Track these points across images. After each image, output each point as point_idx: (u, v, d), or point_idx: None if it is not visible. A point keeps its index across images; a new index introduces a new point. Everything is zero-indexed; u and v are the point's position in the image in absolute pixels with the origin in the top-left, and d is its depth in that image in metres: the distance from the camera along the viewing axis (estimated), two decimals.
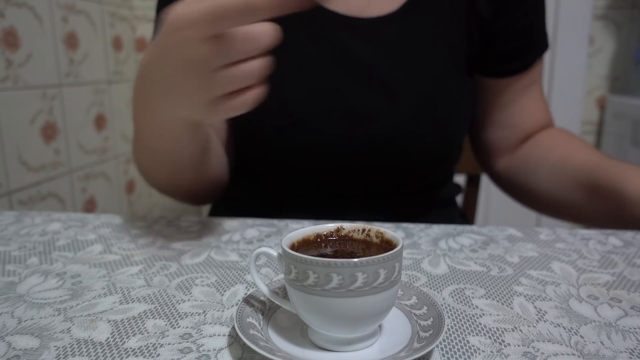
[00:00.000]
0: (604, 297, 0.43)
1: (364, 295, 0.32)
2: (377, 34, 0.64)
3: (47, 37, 1.22)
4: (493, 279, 0.46)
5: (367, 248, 0.37)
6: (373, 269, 0.31)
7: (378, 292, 0.32)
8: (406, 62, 0.64)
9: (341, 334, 0.34)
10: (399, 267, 0.33)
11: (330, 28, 0.63)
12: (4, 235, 0.56)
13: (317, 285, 0.32)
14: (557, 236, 0.57)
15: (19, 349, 0.35)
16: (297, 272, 0.33)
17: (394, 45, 0.64)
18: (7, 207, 1.09)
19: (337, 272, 0.31)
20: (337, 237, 0.38)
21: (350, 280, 0.31)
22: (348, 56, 0.63)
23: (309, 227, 0.38)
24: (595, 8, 1.95)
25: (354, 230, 0.38)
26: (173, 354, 0.34)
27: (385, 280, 0.32)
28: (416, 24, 0.64)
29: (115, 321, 0.38)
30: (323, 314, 0.33)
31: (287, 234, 0.36)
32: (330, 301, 0.32)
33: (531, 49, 0.70)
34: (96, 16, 1.44)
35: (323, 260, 0.31)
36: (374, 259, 0.31)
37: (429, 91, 0.64)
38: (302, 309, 0.34)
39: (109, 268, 0.48)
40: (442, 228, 0.59)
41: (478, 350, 0.35)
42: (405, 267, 0.49)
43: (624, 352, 0.34)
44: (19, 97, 1.11)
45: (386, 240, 0.36)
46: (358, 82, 0.63)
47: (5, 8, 1.08)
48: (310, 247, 0.37)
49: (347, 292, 0.32)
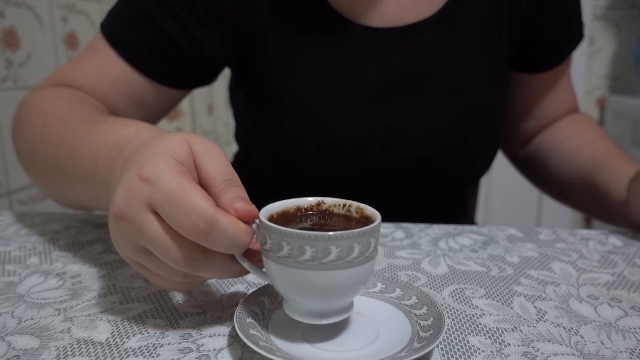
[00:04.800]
0: (604, 297, 0.43)
1: (337, 269, 0.32)
2: (414, 45, 0.60)
3: (47, 37, 1.22)
4: (493, 279, 0.46)
5: (347, 223, 0.37)
6: (347, 243, 0.31)
7: (352, 266, 0.32)
8: (446, 74, 0.61)
9: (314, 307, 0.34)
10: (374, 243, 0.33)
11: (364, 46, 0.60)
12: (4, 235, 0.56)
13: (291, 257, 0.32)
14: (557, 236, 0.57)
15: (19, 349, 0.35)
16: (272, 243, 0.33)
17: (432, 55, 0.61)
18: (7, 207, 1.09)
19: (311, 244, 0.31)
20: (317, 211, 0.38)
21: (324, 253, 0.31)
22: (385, 76, 0.60)
23: (289, 199, 0.38)
24: (595, 8, 1.95)
25: (335, 205, 0.38)
26: (173, 354, 0.34)
27: (359, 255, 0.32)
28: (454, 30, 0.61)
29: (115, 321, 0.38)
30: (296, 286, 0.33)
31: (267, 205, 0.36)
32: (303, 273, 0.32)
33: (569, 42, 0.69)
34: (96, 16, 1.44)
35: (297, 232, 0.31)
36: (349, 233, 0.31)
37: (471, 105, 0.62)
38: (276, 280, 0.34)
39: (109, 268, 0.48)
40: (442, 228, 0.59)
41: (478, 350, 0.35)
42: (405, 267, 0.49)
43: (624, 352, 0.35)
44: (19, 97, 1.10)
45: (366, 216, 0.36)
46: (397, 104, 0.61)
47: (5, 8, 1.08)
48: (290, 219, 0.37)
49: (321, 265, 0.32)
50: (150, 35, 0.59)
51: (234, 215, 0.33)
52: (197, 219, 0.31)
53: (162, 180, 0.32)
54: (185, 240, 0.33)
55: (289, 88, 0.61)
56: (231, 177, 0.35)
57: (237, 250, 0.33)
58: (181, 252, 0.33)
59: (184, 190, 0.32)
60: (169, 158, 0.34)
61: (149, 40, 0.59)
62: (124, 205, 0.33)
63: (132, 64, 0.59)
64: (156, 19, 0.58)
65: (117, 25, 0.60)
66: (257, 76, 0.63)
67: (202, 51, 0.60)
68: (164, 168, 0.33)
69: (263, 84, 0.62)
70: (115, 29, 0.60)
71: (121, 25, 0.60)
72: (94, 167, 0.43)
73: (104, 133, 0.44)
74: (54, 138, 0.50)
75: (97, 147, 0.43)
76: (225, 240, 0.32)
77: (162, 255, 0.33)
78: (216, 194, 0.34)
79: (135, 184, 0.33)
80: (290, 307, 0.35)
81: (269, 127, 0.64)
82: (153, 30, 0.59)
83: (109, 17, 0.62)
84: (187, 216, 0.31)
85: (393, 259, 0.50)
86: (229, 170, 0.35)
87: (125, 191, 0.34)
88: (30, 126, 0.55)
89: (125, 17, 0.60)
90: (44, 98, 0.57)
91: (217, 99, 2.03)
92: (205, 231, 0.31)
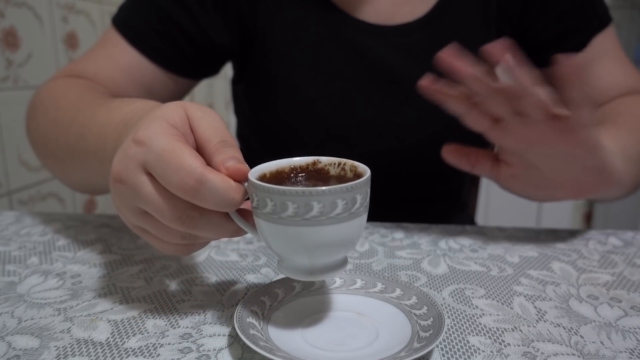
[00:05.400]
0: (604, 297, 0.43)
1: (319, 225, 0.32)
2: (406, 42, 0.62)
3: (47, 37, 1.22)
4: (493, 279, 0.46)
5: (340, 182, 0.36)
6: (330, 198, 0.31)
7: (335, 222, 0.32)
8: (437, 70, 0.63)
9: (301, 263, 0.34)
10: (361, 199, 0.33)
11: (359, 38, 0.62)
12: (4, 235, 0.56)
13: (274, 213, 0.32)
14: (557, 236, 0.57)
15: (19, 349, 0.35)
16: (258, 200, 0.33)
17: (424, 53, 0.61)
18: (7, 207, 1.09)
19: (292, 200, 0.31)
20: (312, 170, 0.38)
21: (306, 209, 0.31)
22: (379, 67, 0.62)
23: (284, 159, 0.38)
24: None
25: (330, 164, 0.38)
26: (173, 354, 0.34)
27: (343, 211, 0.32)
28: (446, 29, 0.63)
29: (115, 321, 0.38)
30: (282, 242, 0.33)
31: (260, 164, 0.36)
32: (286, 229, 0.32)
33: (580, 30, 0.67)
34: (96, 16, 1.44)
35: (278, 188, 0.31)
36: (330, 188, 0.31)
37: None
38: (265, 237, 0.35)
39: (109, 268, 0.48)
40: (442, 228, 0.59)
41: (478, 350, 0.35)
42: (405, 267, 0.49)
43: (624, 352, 0.35)
44: (19, 97, 1.10)
45: (358, 174, 0.36)
46: (391, 94, 0.62)
47: (5, 8, 1.08)
48: (284, 179, 0.37)
49: (303, 221, 0.31)
50: (159, 23, 0.61)
51: (225, 173, 0.33)
52: (186, 176, 0.32)
53: (153, 141, 0.33)
54: (178, 198, 0.33)
55: (285, 75, 0.63)
56: (226, 138, 0.35)
57: (229, 208, 0.34)
58: (175, 211, 0.33)
59: (173, 149, 0.32)
60: (162, 122, 0.34)
61: (158, 28, 0.61)
62: (120, 168, 0.34)
63: (142, 52, 0.62)
64: (165, 9, 0.61)
65: (128, 16, 0.63)
66: (257, 64, 0.65)
67: (209, 38, 0.63)
68: (156, 130, 0.34)
69: (261, 70, 0.65)
70: (126, 20, 0.63)
71: (132, 16, 0.63)
72: (102, 143, 0.44)
73: (112, 110, 0.45)
74: (65, 120, 0.52)
75: (105, 123, 0.45)
76: (216, 197, 0.32)
77: (158, 214, 0.34)
78: (210, 155, 0.34)
79: (130, 147, 0.34)
80: (281, 264, 0.36)
81: (265, 114, 0.66)
82: (162, 19, 0.61)
83: (120, 11, 0.64)
84: (176, 174, 0.32)
85: (393, 259, 0.50)
86: (224, 132, 0.35)
87: (121, 155, 0.35)
88: (43, 111, 0.57)
89: (135, 9, 0.63)
90: (56, 87, 0.59)
91: (217, 98, 2.03)
92: (195, 188, 0.32)
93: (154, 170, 0.33)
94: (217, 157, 0.34)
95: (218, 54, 0.66)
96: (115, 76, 0.61)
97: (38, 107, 0.58)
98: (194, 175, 0.32)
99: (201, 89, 1.88)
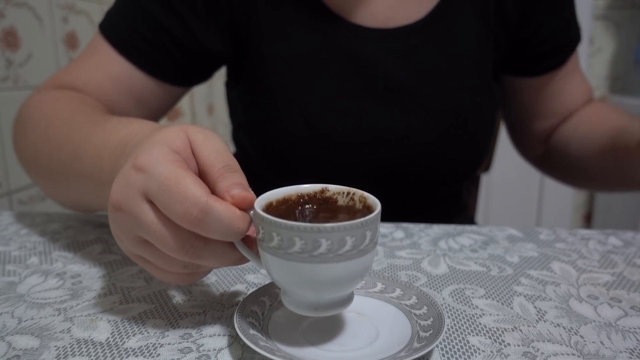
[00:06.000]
0: (604, 297, 0.43)
1: (327, 262, 0.31)
2: (403, 46, 0.62)
3: (47, 37, 1.22)
4: (493, 279, 0.46)
5: (349, 213, 0.35)
6: (338, 235, 0.30)
7: (344, 260, 0.31)
8: (435, 76, 0.62)
9: (307, 299, 0.33)
10: (370, 235, 0.32)
11: (355, 43, 0.61)
12: (4, 235, 0.56)
13: (281, 248, 0.31)
14: (557, 236, 0.57)
15: (19, 349, 0.35)
16: (264, 232, 0.32)
17: (421, 58, 0.62)
18: (7, 207, 1.09)
19: (300, 236, 0.30)
20: (320, 199, 0.37)
21: (314, 245, 0.30)
22: (376, 73, 0.61)
23: (292, 186, 0.36)
24: (595, 8, 1.95)
25: (339, 192, 0.37)
26: (173, 354, 0.34)
27: (352, 249, 0.31)
28: (443, 33, 0.62)
29: (115, 321, 0.38)
30: (288, 277, 0.32)
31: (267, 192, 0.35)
32: (293, 265, 0.31)
33: (567, 44, 0.69)
34: (96, 16, 1.44)
35: (286, 223, 0.30)
36: (340, 225, 0.30)
37: (459, 107, 0.63)
38: (268, 269, 0.34)
39: (109, 268, 0.48)
40: (442, 228, 0.59)
41: (478, 350, 0.35)
42: (405, 267, 0.49)
43: (624, 352, 0.35)
44: (19, 97, 1.10)
45: (368, 206, 0.35)
46: (387, 101, 0.61)
47: (5, 8, 1.08)
48: (291, 207, 0.36)
49: (310, 258, 0.30)
50: (148, 30, 0.59)
51: (230, 202, 0.32)
52: (190, 206, 0.31)
53: (155, 168, 0.32)
54: (181, 228, 0.32)
55: (281, 81, 0.62)
56: (229, 163, 0.34)
57: (234, 237, 0.33)
58: (178, 240, 0.32)
59: (176, 177, 0.31)
60: (164, 147, 0.33)
61: (148, 35, 0.59)
62: (119, 195, 0.33)
63: (132, 61, 0.60)
64: (154, 14, 0.59)
65: (116, 23, 0.61)
66: (251, 70, 0.63)
67: (200, 44, 0.61)
68: (158, 157, 0.33)
69: (256, 77, 0.63)
70: (114, 28, 0.61)
71: (120, 23, 0.60)
72: (99, 166, 0.43)
73: (109, 132, 0.44)
74: (58, 138, 0.50)
75: (102, 145, 0.43)
76: (220, 227, 0.31)
77: (160, 244, 0.33)
78: (214, 181, 0.33)
79: (130, 173, 0.33)
80: (285, 297, 0.35)
81: (261, 121, 0.64)
82: (151, 26, 0.59)
83: (107, 17, 0.62)
84: (180, 204, 0.31)
85: (393, 259, 0.50)
86: (227, 156, 0.35)
87: (121, 182, 0.34)
88: (32, 128, 0.54)
89: (123, 15, 0.61)
90: (44, 101, 0.57)
91: (217, 99, 2.03)
92: (199, 218, 0.31)
93: (156, 199, 0.32)
94: (221, 184, 0.33)
95: (210, 60, 0.64)
96: (105, 87, 0.60)
97: (27, 123, 0.56)
98: (199, 205, 0.31)
99: (201, 89, 1.88)
